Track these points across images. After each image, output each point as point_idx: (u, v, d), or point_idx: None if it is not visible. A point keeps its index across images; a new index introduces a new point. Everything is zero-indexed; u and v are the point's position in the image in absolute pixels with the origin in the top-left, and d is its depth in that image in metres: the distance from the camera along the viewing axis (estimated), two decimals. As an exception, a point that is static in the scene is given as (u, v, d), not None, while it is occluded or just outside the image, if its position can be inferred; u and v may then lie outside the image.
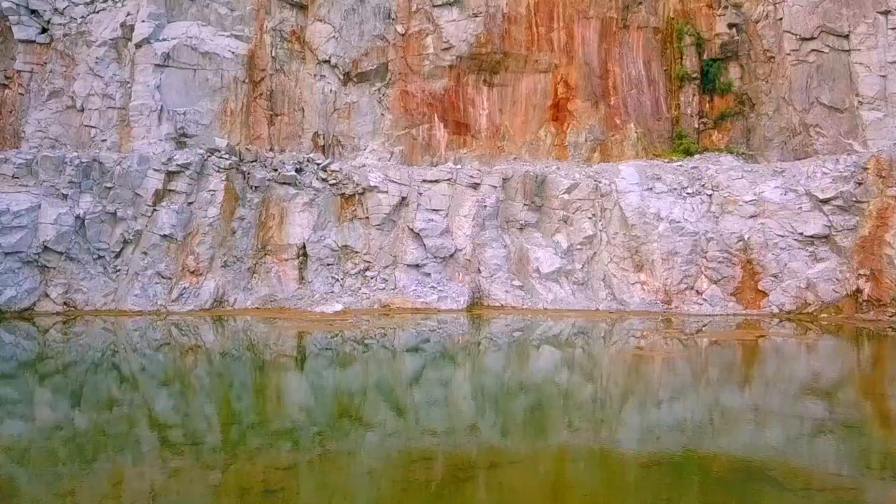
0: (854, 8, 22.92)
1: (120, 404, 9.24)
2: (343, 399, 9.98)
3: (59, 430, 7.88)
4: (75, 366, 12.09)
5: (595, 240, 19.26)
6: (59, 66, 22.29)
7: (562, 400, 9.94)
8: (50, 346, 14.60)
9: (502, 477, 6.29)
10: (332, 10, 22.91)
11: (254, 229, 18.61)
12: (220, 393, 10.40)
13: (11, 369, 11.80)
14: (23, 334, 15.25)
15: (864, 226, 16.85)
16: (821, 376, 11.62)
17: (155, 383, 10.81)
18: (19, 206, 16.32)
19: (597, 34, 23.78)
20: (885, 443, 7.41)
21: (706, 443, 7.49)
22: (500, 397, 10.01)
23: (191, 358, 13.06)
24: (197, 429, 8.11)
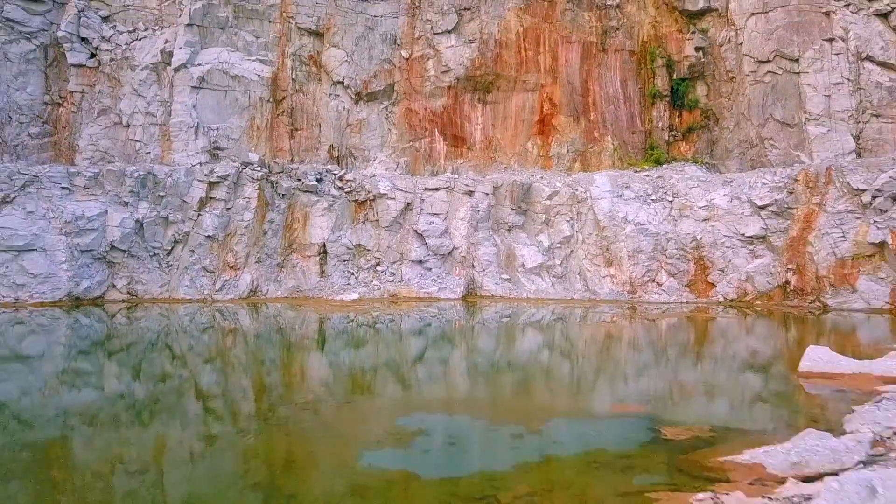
0: (804, 35, 26.97)
1: (174, 374, 12.10)
2: (366, 355, 14.04)
3: (122, 398, 9.86)
4: (137, 344, 15.56)
5: (572, 239, 23.32)
6: (106, 87, 26.35)
7: (538, 349, 14.02)
8: (116, 327, 18.59)
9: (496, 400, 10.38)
10: (344, 37, 26.96)
11: (281, 230, 22.69)
12: (264, 358, 14.38)
13: (87, 346, 15.48)
14: (95, 318, 19.27)
15: (793, 228, 20.91)
16: (727, 339, 15.68)
17: (203, 358, 14.60)
18: (91, 212, 20.38)
19: (578, 57, 27.82)
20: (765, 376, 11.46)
21: (615, 355, 11.56)
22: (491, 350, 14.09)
23: (231, 338, 17.08)
24: (245, 383, 12.14)
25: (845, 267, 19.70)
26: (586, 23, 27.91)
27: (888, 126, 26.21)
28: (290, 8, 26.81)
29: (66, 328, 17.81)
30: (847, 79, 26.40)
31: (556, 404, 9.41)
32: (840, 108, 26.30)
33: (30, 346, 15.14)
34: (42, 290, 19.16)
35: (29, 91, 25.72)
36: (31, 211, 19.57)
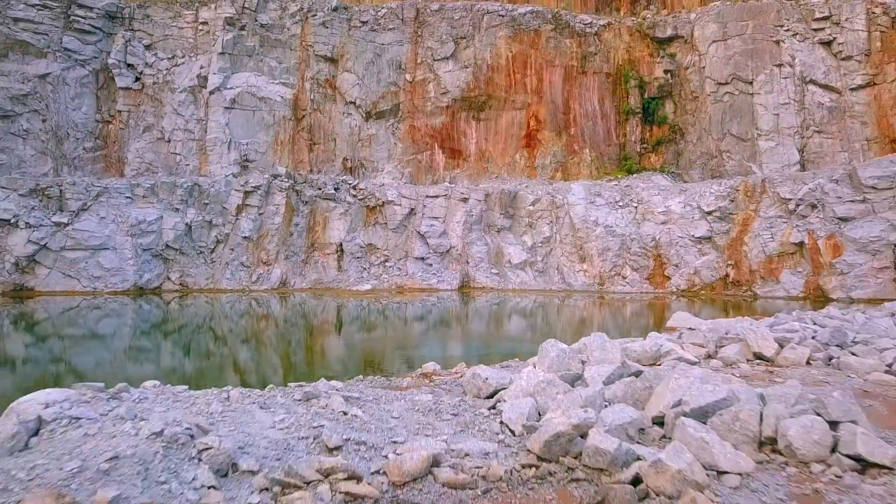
0: (757, 61, 31.99)
1: (219, 349, 17.81)
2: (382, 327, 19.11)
3: (174, 373, 13.86)
4: (188, 325, 20.66)
5: (551, 239, 28.40)
6: (150, 107, 31.43)
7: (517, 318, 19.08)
8: (171, 312, 23.67)
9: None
10: (356, 62, 32.00)
11: (305, 232, 27.77)
12: (292, 335, 19.49)
13: (148, 327, 20.50)
14: (154, 304, 24.35)
15: (733, 230, 25.96)
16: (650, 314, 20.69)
17: (243, 336, 19.87)
18: (150, 217, 25.47)
19: (561, 79, 32.84)
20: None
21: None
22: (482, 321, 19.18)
23: (264, 322, 22.20)
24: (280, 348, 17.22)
25: (772, 262, 24.76)
26: (568, 49, 32.92)
27: (828, 141, 31.25)
28: (309, 37, 31.85)
29: (132, 312, 22.90)
30: (793, 99, 31.44)
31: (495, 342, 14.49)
32: (787, 125, 31.35)
33: (105, 326, 20.18)
34: (114, 281, 24.27)
35: (83, 111, 30.79)
36: (103, 217, 24.66)
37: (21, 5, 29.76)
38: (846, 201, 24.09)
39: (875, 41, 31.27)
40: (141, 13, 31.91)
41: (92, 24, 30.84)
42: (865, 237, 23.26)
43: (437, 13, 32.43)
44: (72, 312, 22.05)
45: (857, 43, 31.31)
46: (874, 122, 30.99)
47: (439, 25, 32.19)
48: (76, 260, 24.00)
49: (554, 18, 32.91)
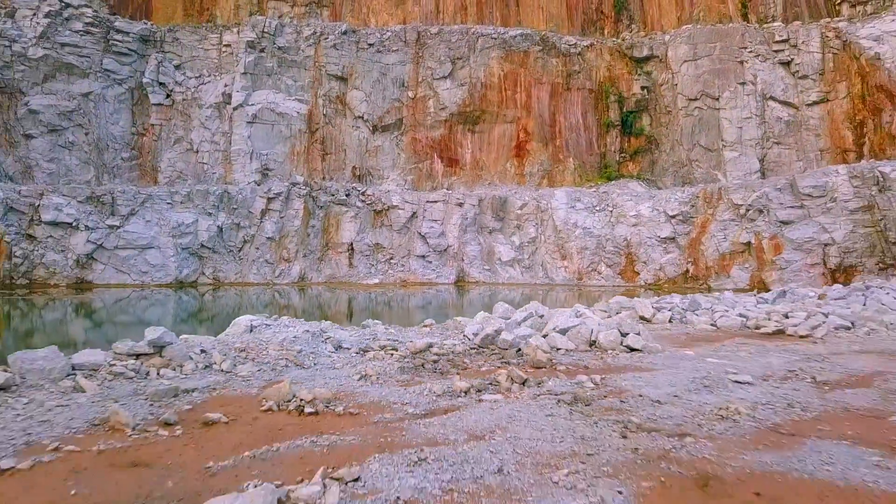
0: (723, 79, 36.86)
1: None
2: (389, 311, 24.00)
3: None
4: (220, 314, 25.75)
5: (536, 240, 33.31)
6: (179, 121, 36.35)
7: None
8: (206, 302, 28.59)
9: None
10: (364, 80, 36.93)
11: (320, 233, 32.70)
12: (317, 316, 24.35)
13: (185, 315, 25.49)
14: (192, 296, 29.25)
15: (693, 232, 30.84)
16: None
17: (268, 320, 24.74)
18: (187, 220, 30.41)
19: (548, 95, 37.73)
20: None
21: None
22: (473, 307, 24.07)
23: (286, 310, 27.11)
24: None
25: (725, 260, 29.67)
26: (554, 67, 37.82)
27: (786, 151, 36.16)
28: (321, 58, 36.78)
29: (173, 302, 27.82)
30: (755, 114, 36.34)
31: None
32: (749, 137, 36.24)
33: (151, 313, 25.09)
34: (158, 275, 29.23)
35: (121, 125, 35.74)
36: (149, 220, 29.61)
37: (67, 31, 34.70)
38: (787, 207, 28.98)
39: (828, 62, 36.17)
40: (171, 36, 36.85)
41: (128, 47, 35.77)
42: (801, 238, 28.17)
43: (436, 36, 37.33)
44: (124, 301, 26.99)
45: (812, 63, 36.21)
46: (827, 134, 35.89)
47: (438, 47, 37.10)
48: (127, 257, 28.96)
49: (541, 40, 37.80)
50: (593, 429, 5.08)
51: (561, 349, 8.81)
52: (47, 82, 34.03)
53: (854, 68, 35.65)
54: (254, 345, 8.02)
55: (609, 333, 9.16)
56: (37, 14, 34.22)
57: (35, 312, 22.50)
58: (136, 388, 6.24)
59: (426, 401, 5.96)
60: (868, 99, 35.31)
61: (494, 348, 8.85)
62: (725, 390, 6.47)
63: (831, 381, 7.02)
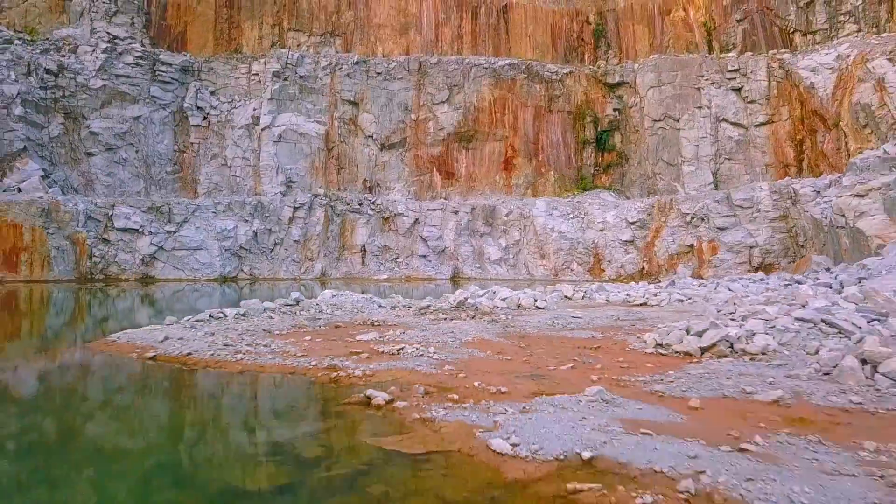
0: (683, 103, 45.25)
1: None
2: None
3: None
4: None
5: (520, 242, 41.72)
6: (215, 140, 44.83)
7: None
8: (244, 293, 37.01)
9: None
10: (373, 105, 45.37)
11: (338, 236, 41.14)
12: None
13: (227, 304, 34.03)
14: (233, 289, 37.70)
15: (649, 236, 39.22)
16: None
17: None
18: (229, 226, 38.85)
19: (532, 116, 46.13)
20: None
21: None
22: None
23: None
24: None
25: (673, 259, 38.05)
26: (537, 92, 46.23)
27: (736, 166, 44.53)
28: (336, 86, 45.24)
29: (219, 294, 36.19)
30: (709, 134, 44.71)
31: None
32: (704, 153, 44.61)
33: (202, 302, 33.45)
34: (207, 272, 37.69)
35: (165, 143, 44.24)
36: (198, 227, 38.07)
37: (121, 64, 43.23)
38: (723, 216, 37.36)
39: (773, 89, 44.53)
40: (207, 67, 45.35)
41: (171, 77, 44.30)
42: (732, 241, 36.55)
43: (435, 66, 45.77)
44: (181, 292, 35.39)
45: (759, 90, 44.59)
46: (771, 151, 44.27)
47: (437, 76, 45.54)
48: (181, 257, 37.44)
49: (527, 69, 46.21)
50: (495, 327, 13.47)
51: (500, 307, 17.22)
52: (104, 108, 42.55)
53: (794, 94, 44.02)
54: (338, 302, 16.44)
55: (526, 299, 17.58)
56: (95, 50, 42.78)
57: (122, 299, 30.91)
58: (293, 317, 14.68)
59: (429, 322, 14.37)
60: (806, 121, 43.69)
61: (464, 307, 17.26)
62: (563, 321, 14.86)
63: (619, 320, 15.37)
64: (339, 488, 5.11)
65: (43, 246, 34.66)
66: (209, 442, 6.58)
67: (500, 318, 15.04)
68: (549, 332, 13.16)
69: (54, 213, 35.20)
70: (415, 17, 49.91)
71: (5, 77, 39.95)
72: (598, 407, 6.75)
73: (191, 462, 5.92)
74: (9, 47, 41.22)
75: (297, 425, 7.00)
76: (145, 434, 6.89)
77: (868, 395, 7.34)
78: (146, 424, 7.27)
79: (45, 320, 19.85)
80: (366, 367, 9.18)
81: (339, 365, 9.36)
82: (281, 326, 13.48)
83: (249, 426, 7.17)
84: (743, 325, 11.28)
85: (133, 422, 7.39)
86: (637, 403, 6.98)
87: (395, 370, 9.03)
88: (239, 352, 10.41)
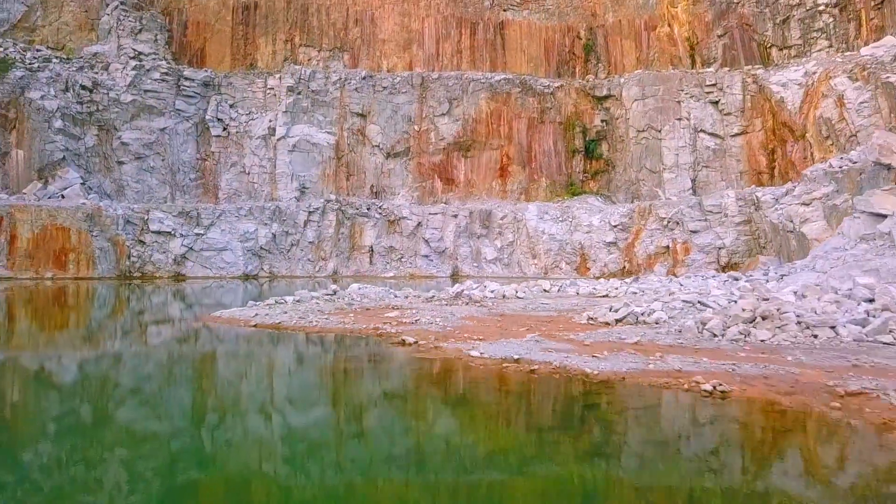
0: (664, 115, 51.12)
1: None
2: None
3: None
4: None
5: (514, 243, 47.63)
6: (234, 149, 50.75)
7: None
8: (264, 289, 42.93)
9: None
10: (379, 117, 51.28)
11: (349, 238, 47.05)
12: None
13: (249, 299, 39.95)
14: (254, 286, 43.58)
15: (630, 238, 45.11)
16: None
17: None
18: (250, 229, 44.74)
19: (525, 127, 52.00)
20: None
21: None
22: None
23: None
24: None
25: (651, 259, 43.93)
26: (531, 105, 52.10)
27: (713, 173, 50.40)
28: (346, 99, 51.13)
29: (241, 289, 42.10)
30: (688, 143, 50.58)
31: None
32: (683, 161, 50.48)
33: (226, 297, 39.40)
34: (231, 270, 43.61)
35: (188, 153, 50.13)
36: (224, 229, 43.97)
37: (148, 80, 49.11)
38: (695, 220, 43.23)
39: (747, 102, 50.40)
40: (226, 82, 51.23)
41: (194, 91, 50.19)
42: (703, 243, 42.43)
43: (436, 81, 51.66)
44: (209, 288, 41.28)
45: (735, 103, 50.46)
46: (745, 159, 50.14)
47: (438, 90, 51.43)
48: (209, 257, 43.35)
49: (521, 83, 52.09)
50: (482, 310, 19.35)
51: (488, 297, 23.11)
52: (134, 120, 48.46)
53: (766, 107, 49.89)
54: (365, 293, 22.38)
55: (510, 291, 23.48)
56: (126, 67, 48.71)
57: (159, 293, 36.80)
58: (333, 303, 20.59)
59: (434, 306, 20.24)
60: (777, 132, 49.59)
61: (460, 296, 23.14)
62: (534, 306, 20.73)
63: (577, 306, 21.22)
64: (396, 370, 11.07)
65: (88, 247, 40.55)
66: (323, 358, 12.56)
67: (487, 305, 20.94)
68: (521, 312, 19.06)
69: (97, 217, 41.09)
70: (417, 33, 55.78)
71: (46, 93, 45.86)
72: (531, 343, 12.68)
73: (315, 367, 11.90)
74: (48, 65, 47.13)
75: (366, 352, 12.97)
76: (286, 359, 12.86)
77: (692, 340, 13.24)
78: (283, 355, 13.23)
79: (145, 307, 25.81)
80: (397, 328, 15.13)
81: (380, 327, 15.33)
82: (327, 309, 19.37)
83: (340, 354, 13.12)
84: (650, 305, 17.17)
85: (275, 354, 13.34)
86: (554, 343, 12.89)
87: (415, 330, 14.97)
88: (311, 322, 16.34)
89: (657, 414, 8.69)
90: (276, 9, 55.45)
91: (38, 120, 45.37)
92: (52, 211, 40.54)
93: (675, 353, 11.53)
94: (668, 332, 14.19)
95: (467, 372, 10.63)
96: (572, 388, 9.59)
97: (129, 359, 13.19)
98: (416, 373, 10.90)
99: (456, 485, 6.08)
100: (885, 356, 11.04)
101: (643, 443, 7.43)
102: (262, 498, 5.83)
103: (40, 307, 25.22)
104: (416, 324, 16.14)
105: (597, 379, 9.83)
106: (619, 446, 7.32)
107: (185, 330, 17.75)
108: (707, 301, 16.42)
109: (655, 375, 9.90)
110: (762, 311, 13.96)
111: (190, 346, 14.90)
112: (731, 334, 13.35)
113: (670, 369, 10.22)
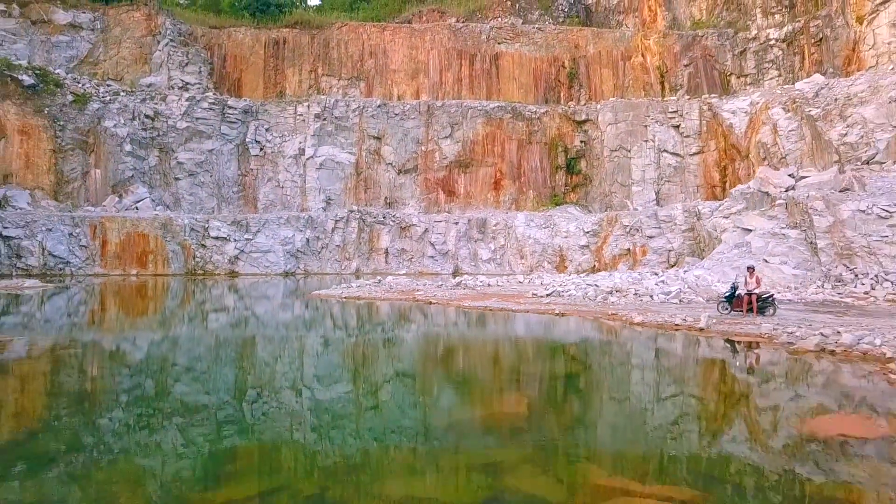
0: (633, 137, 66.64)
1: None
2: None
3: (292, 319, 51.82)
4: (312, 289, 55.78)
5: (505, 246, 63.17)
6: (269, 166, 66.39)
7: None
8: (299, 284, 58.53)
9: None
10: (392, 139, 66.87)
11: (368, 242, 62.64)
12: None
13: (288, 293, 55.56)
14: (292, 281, 59.20)
15: (599, 242, 60.56)
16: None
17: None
18: (288, 235, 60.29)
19: (516, 147, 67.51)
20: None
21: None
22: (456, 289, 54.09)
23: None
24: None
25: (615, 259, 59.41)
26: (520, 128, 67.60)
27: (674, 187, 65.91)
28: (364, 124, 66.71)
29: (282, 285, 57.63)
30: (653, 161, 66.07)
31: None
32: (649, 177, 65.94)
33: (268, 290, 54.97)
34: (274, 269, 59.24)
35: (232, 170, 65.78)
36: (268, 235, 59.53)
37: (199, 109, 64.76)
38: (651, 227, 58.65)
39: (703, 126, 65.90)
40: (263, 109, 66.86)
41: (235, 117, 65.84)
42: (657, 246, 57.86)
43: (440, 108, 67.19)
44: (257, 283, 56.79)
45: (693, 126, 65.97)
46: (702, 175, 65.64)
47: (442, 116, 66.95)
48: (257, 258, 58.89)
49: (512, 110, 67.59)
50: (473, 292, 34.85)
51: (478, 286, 38.56)
52: (187, 143, 64.09)
53: (720, 131, 65.39)
54: (397, 282, 37.86)
55: (493, 281, 38.95)
56: (180, 98, 64.37)
57: (220, 288, 52.28)
58: (378, 287, 36.15)
59: (442, 290, 35.72)
60: (727, 152, 65.09)
61: (459, 285, 38.60)
62: (505, 289, 36.18)
63: (521, 288, 36.64)
64: (433, 309, 26.81)
65: (163, 250, 56.10)
66: (397, 307, 28.30)
67: (477, 289, 36.34)
68: (496, 293, 34.45)
69: (168, 226, 56.63)
70: (423, 64, 71.29)
71: (118, 122, 61.45)
72: (492, 301, 28.23)
73: (396, 310, 27.68)
74: (117, 98, 62.72)
75: (414, 306, 28.61)
76: (379, 309, 28.54)
77: (577, 302, 28.68)
78: (374, 308, 28.84)
79: (254, 294, 41.37)
80: (425, 297, 30.70)
81: (417, 296, 30.87)
82: (376, 291, 34.76)
83: (403, 306, 28.68)
84: (567, 286, 32.54)
85: (368, 308, 28.93)
86: (505, 303, 28.36)
87: (435, 298, 30.51)
88: (374, 296, 31.81)
89: (529, 322, 24.17)
90: (302, 43, 71.02)
91: (111, 144, 60.94)
92: (133, 221, 56.08)
93: (560, 306, 27.06)
94: (568, 299, 29.69)
95: (461, 311, 26.12)
96: (503, 316, 25.10)
97: (299, 312, 28.68)
98: (441, 311, 26.37)
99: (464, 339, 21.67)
100: (664, 308, 26.52)
101: (508, 333, 22.96)
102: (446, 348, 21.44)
103: (189, 294, 40.77)
104: (435, 296, 31.62)
105: (518, 312, 25.34)
106: (503, 334, 22.84)
107: (307, 301, 33.23)
108: (599, 283, 31.87)
109: (541, 311, 25.38)
110: (616, 287, 29.44)
111: (319, 306, 30.38)
112: (599, 299, 28.84)
113: (549, 309, 25.69)
